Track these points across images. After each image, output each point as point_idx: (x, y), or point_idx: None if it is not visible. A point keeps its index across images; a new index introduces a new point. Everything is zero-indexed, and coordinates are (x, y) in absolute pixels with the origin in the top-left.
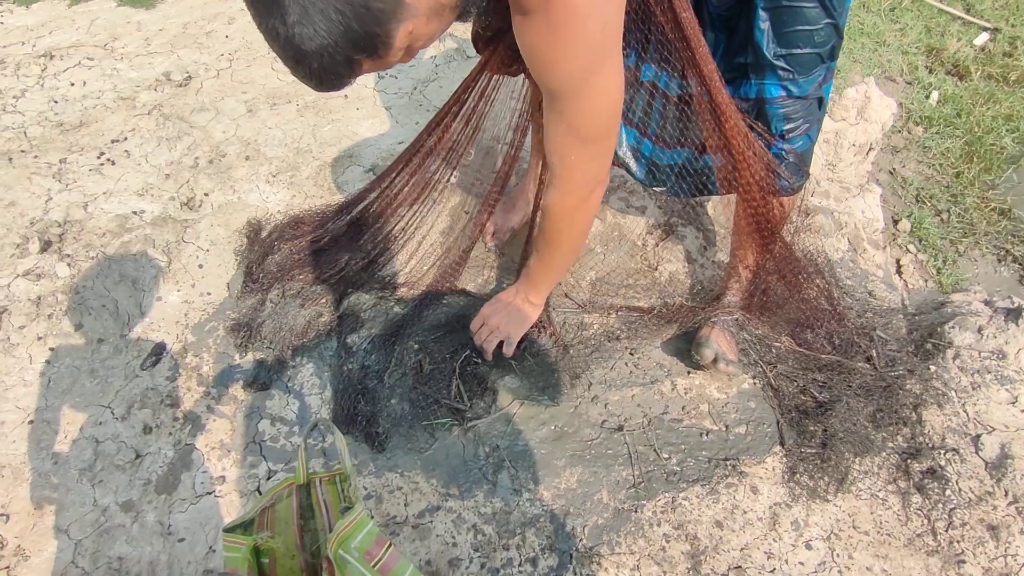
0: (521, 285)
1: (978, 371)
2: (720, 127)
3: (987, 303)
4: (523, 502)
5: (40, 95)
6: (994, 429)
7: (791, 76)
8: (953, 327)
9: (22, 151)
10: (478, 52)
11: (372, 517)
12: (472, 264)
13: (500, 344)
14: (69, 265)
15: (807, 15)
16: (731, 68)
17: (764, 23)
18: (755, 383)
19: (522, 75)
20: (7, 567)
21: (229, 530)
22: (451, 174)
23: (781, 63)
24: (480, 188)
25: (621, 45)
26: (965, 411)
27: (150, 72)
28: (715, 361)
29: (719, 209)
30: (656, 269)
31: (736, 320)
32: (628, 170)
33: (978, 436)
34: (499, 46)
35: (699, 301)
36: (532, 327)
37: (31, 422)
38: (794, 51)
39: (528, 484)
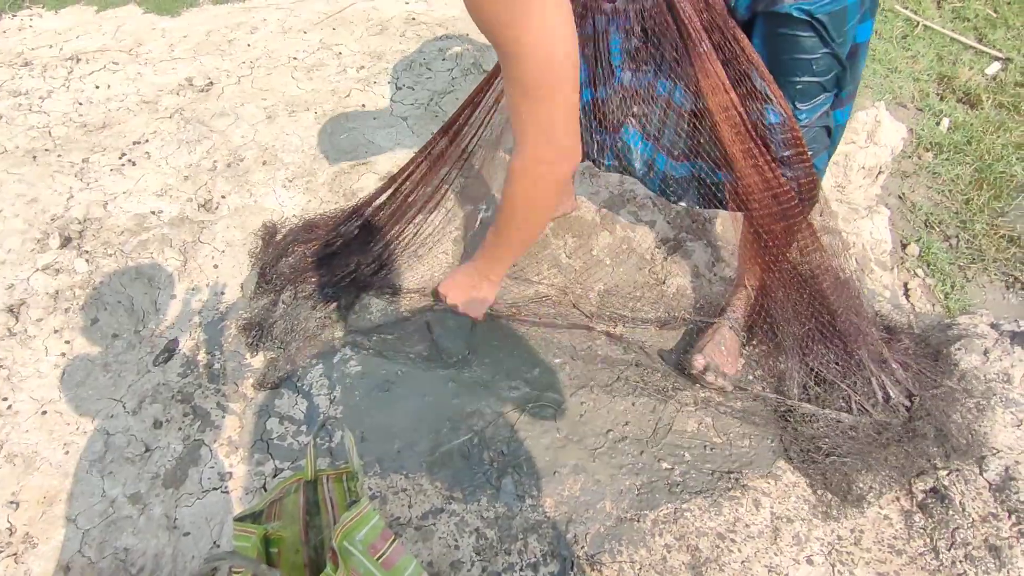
0: (479, 259)
1: (983, 393)
2: (725, 145)
3: (993, 326)
4: (526, 508)
5: (65, 96)
6: (999, 451)
7: (791, 104)
8: (959, 349)
9: (46, 150)
10: None
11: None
12: None
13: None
14: (87, 261)
15: (803, 44)
16: None
17: (762, 51)
18: (759, 397)
19: None
20: (15, 554)
21: (239, 519)
22: (463, 180)
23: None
24: (492, 197)
25: None
26: (970, 432)
27: (173, 77)
28: (705, 372)
29: (727, 225)
30: (664, 283)
31: (738, 334)
32: (642, 182)
33: (983, 457)
34: None
35: (705, 315)
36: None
37: (44, 413)
38: (792, 79)
39: (531, 490)
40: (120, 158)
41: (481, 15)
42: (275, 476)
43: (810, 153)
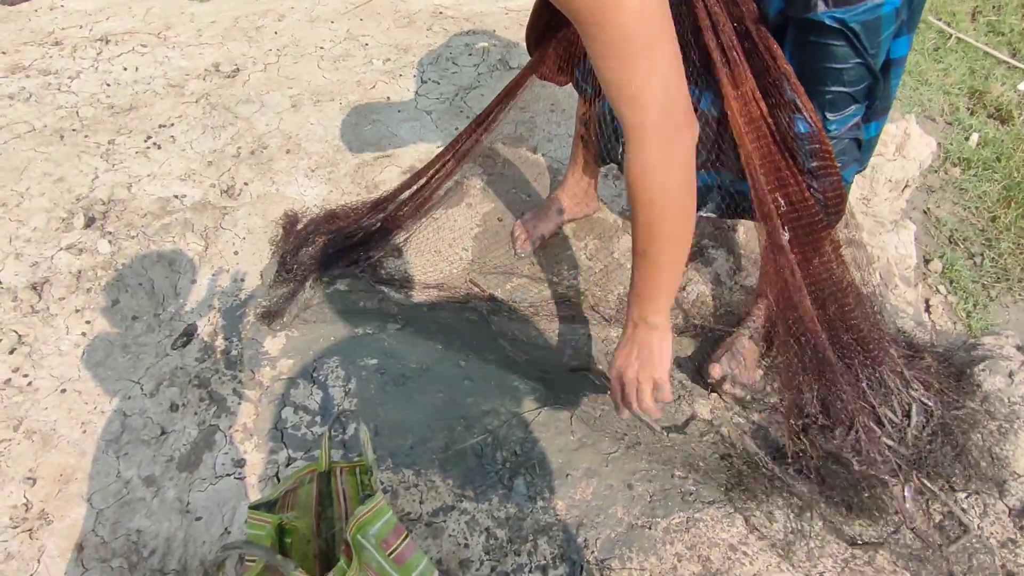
0: (632, 311)
1: (1006, 416)
2: (742, 155)
3: (1019, 348)
4: (537, 509)
5: (94, 77)
6: (1020, 476)
7: (820, 114)
8: (983, 370)
9: (73, 130)
10: (529, 51)
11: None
12: (501, 270)
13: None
14: (110, 242)
15: (835, 53)
16: None
17: (792, 58)
18: (777, 410)
19: (569, 85)
20: (30, 529)
21: (254, 507)
22: (486, 177)
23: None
24: (515, 195)
25: None
26: (991, 455)
27: (200, 62)
28: (723, 381)
29: (750, 233)
30: (684, 289)
31: (757, 345)
32: None
33: (1003, 482)
34: (550, 46)
35: (724, 324)
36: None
37: (63, 391)
38: (822, 88)
39: (543, 492)
40: (145, 141)
41: (610, 73)
42: (288, 465)
43: (838, 165)
